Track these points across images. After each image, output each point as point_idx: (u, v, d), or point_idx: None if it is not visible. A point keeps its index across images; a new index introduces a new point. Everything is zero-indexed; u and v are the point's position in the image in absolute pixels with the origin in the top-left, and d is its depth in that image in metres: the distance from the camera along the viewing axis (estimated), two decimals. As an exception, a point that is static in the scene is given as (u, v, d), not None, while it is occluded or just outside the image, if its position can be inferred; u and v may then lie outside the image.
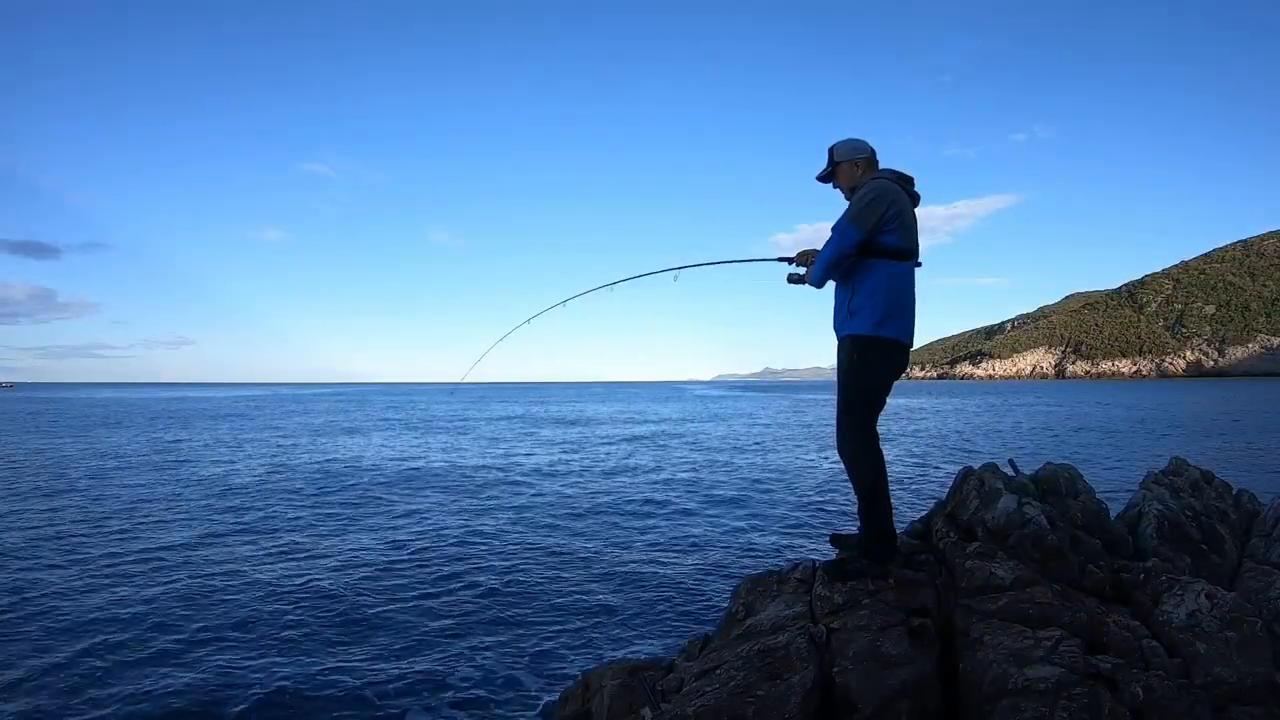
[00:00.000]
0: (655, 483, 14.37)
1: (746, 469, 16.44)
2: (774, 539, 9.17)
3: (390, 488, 13.75)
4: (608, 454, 20.30)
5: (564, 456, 19.63)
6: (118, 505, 11.62)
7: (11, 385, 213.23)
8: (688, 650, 3.35)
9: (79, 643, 5.55)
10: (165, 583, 7.19)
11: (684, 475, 15.50)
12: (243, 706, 4.53)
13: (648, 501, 12.07)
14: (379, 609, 6.38)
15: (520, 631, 5.85)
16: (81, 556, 8.23)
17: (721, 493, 12.97)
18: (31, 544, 8.85)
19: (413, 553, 8.43)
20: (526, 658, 5.32)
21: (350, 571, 7.63)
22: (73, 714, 4.46)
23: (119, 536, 9.32)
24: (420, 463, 18.10)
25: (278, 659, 5.25)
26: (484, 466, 17.26)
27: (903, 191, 3.15)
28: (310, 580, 7.29)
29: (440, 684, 4.86)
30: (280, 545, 8.85)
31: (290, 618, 6.15)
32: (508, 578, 7.39)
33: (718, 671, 2.66)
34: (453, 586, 7.09)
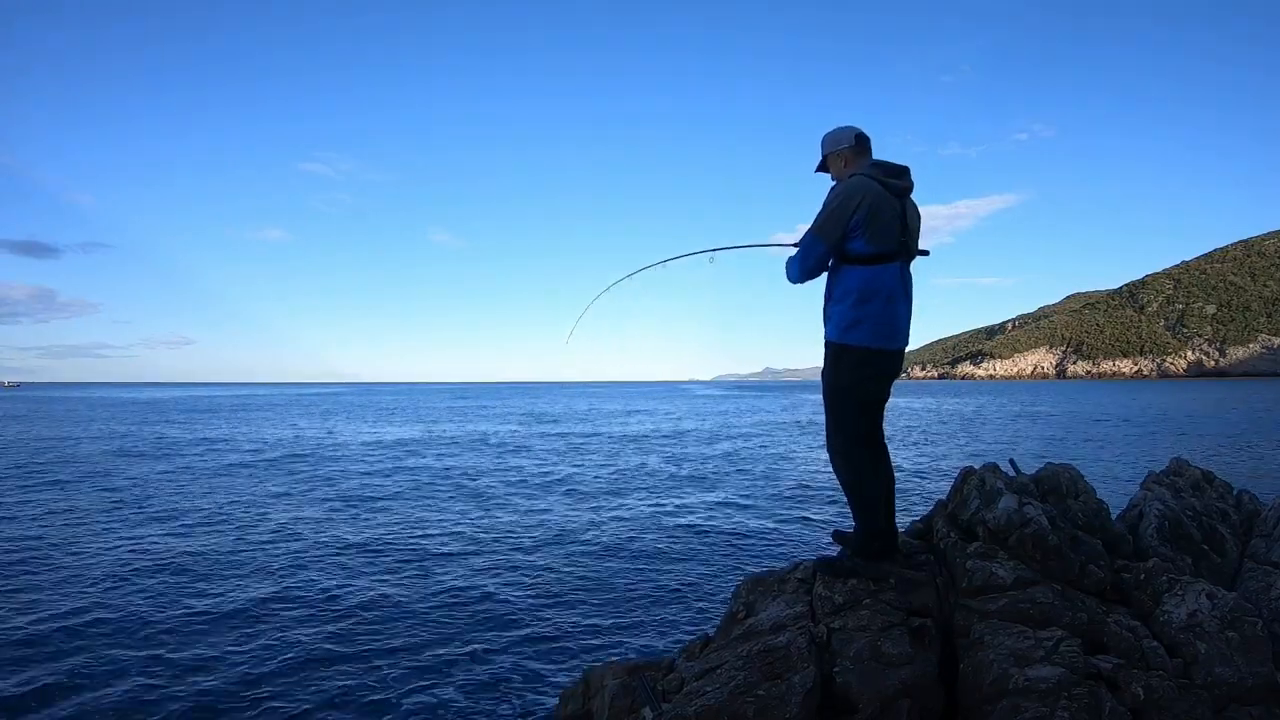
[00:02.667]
0: (654, 482, 14.37)
1: (747, 468, 16.44)
2: (774, 538, 9.16)
3: (387, 490, 13.75)
4: (606, 454, 20.30)
5: (562, 456, 19.63)
6: (137, 500, 11.64)
7: (18, 384, 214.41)
8: (688, 650, 3.35)
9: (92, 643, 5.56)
10: (150, 583, 7.20)
11: (683, 475, 15.50)
12: (243, 706, 4.53)
13: (647, 501, 12.07)
14: (378, 609, 6.38)
15: (520, 632, 5.85)
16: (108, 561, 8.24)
17: (721, 492, 12.97)
18: (33, 538, 8.87)
19: (411, 553, 8.43)
20: (527, 658, 5.32)
21: (349, 572, 7.63)
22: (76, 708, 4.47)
23: (122, 531, 9.34)
24: (417, 464, 18.10)
25: (275, 659, 5.25)
26: (480, 467, 17.26)
27: (878, 188, 2.91)
28: (309, 580, 7.29)
29: (441, 684, 4.86)
30: (277, 542, 8.85)
31: (287, 617, 6.16)
32: (507, 578, 7.39)
33: (718, 671, 2.66)
34: (452, 587, 7.09)
